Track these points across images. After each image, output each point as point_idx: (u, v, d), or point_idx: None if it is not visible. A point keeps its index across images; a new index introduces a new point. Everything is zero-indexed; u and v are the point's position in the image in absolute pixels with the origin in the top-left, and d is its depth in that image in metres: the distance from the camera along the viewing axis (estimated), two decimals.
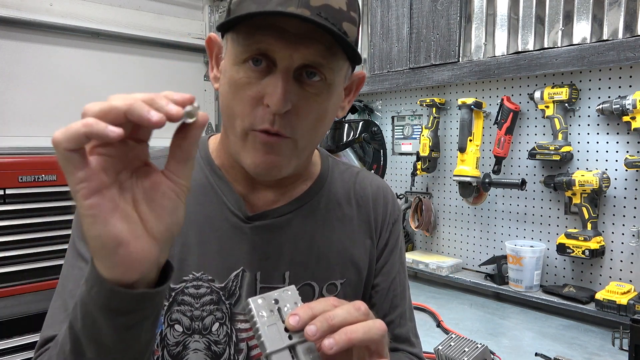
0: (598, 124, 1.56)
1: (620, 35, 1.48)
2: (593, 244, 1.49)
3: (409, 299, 0.84)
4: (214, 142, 0.75)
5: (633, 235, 1.48)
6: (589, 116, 1.57)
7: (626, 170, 1.47)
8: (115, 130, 0.38)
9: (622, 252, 1.51)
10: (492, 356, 1.23)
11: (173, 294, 0.67)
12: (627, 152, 1.49)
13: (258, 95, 0.59)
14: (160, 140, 0.78)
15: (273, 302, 0.49)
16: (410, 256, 1.99)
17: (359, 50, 0.67)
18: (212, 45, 0.68)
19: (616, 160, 1.51)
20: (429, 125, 1.96)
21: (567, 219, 1.64)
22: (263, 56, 0.58)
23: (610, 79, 1.52)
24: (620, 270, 1.52)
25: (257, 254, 0.69)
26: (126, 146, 0.42)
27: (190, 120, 0.43)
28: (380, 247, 0.79)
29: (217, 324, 0.68)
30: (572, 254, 1.54)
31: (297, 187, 0.74)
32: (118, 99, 0.40)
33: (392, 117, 2.22)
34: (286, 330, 0.47)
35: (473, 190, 1.82)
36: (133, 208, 0.43)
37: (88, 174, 0.39)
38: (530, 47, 1.70)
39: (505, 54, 1.78)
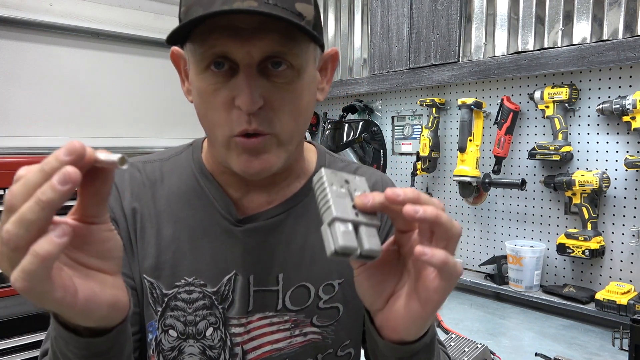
0: (598, 124, 1.56)
1: (620, 35, 1.48)
2: (593, 244, 1.49)
3: None
4: (206, 147, 0.74)
5: (633, 235, 1.48)
6: (589, 116, 1.57)
7: (626, 170, 1.47)
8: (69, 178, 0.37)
9: (622, 252, 1.51)
10: (492, 356, 1.23)
11: (166, 299, 0.67)
12: (627, 152, 1.49)
13: (228, 99, 0.58)
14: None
15: (344, 181, 0.47)
16: None
17: (323, 29, 0.66)
18: (177, 59, 0.68)
19: (616, 160, 1.51)
20: (429, 125, 1.97)
21: (567, 219, 1.64)
22: (223, 58, 0.57)
23: (610, 79, 1.52)
24: (620, 270, 1.52)
25: (249, 257, 0.68)
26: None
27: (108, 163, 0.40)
28: (382, 236, 0.76)
29: (210, 329, 0.67)
30: (572, 254, 1.54)
31: (291, 186, 0.72)
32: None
33: (392, 117, 2.22)
34: (354, 208, 0.45)
35: (473, 190, 1.82)
36: (85, 267, 0.44)
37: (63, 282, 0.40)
38: (530, 47, 1.70)
39: (505, 54, 1.78)
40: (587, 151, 1.58)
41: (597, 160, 1.56)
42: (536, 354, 1.28)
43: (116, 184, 0.69)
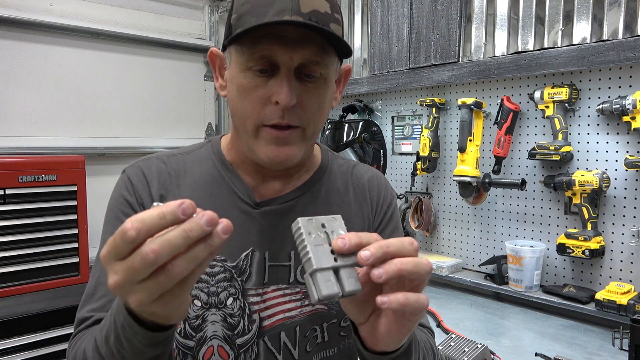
0: (598, 124, 1.56)
1: (620, 35, 1.48)
2: (593, 244, 1.49)
3: None
4: (225, 141, 0.84)
5: (633, 235, 1.48)
6: (589, 116, 1.57)
7: (626, 170, 1.47)
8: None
9: (622, 252, 1.51)
10: (492, 356, 1.23)
11: None
12: (627, 152, 1.49)
13: (265, 95, 0.68)
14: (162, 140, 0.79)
15: (321, 225, 0.51)
16: None
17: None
18: (215, 58, 0.77)
19: (616, 160, 1.51)
20: (429, 125, 1.96)
21: (567, 219, 1.64)
22: (267, 60, 0.67)
23: (610, 79, 1.52)
24: (620, 270, 1.52)
25: (265, 236, 0.77)
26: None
27: None
28: (379, 225, 0.86)
29: (231, 299, 0.76)
30: (572, 254, 1.54)
31: (301, 177, 0.82)
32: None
33: (392, 117, 2.22)
34: (332, 253, 0.49)
35: (473, 190, 1.82)
36: None
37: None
38: (530, 47, 1.70)
39: (505, 54, 1.78)
40: (587, 151, 1.58)
41: (597, 160, 1.56)
42: (536, 354, 1.28)
43: (144, 174, 0.78)
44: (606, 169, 1.53)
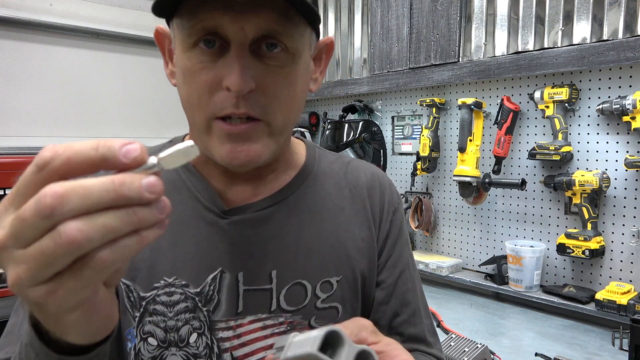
0: (598, 124, 1.56)
1: (620, 35, 1.48)
2: (593, 244, 1.49)
3: (421, 295, 0.75)
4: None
5: (633, 235, 1.48)
6: (589, 116, 1.57)
7: (626, 170, 1.47)
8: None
9: (622, 252, 1.51)
10: (492, 356, 1.23)
11: (144, 303, 0.61)
12: (627, 152, 1.49)
13: (215, 79, 0.53)
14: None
15: None
16: None
17: (320, 13, 0.61)
18: (162, 38, 0.62)
19: (616, 160, 1.51)
20: (429, 125, 1.96)
21: (567, 219, 1.64)
22: (214, 35, 0.52)
23: (610, 79, 1.52)
24: (620, 270, 1.52)
25: (237, 252, 0.62)
26: None
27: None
28: (382, 239, 0.72)
29: (194, 335, 0.61)
30: (572, 254, 1.53)
31: (279, 179, 0.67)
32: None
33: (392, 117, 2.22)
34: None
35: (473, 190, 1.82)
36: None
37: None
38: (530, 47, 1.70)
39: (505, 54, 1.78)
40: (587, 151, 1.58)
41: (597, 160, 1.56)
42: (536, 354, 1.28)
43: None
44: (606, 169, 1.53)
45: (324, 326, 0.44)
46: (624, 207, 1.50)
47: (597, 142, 1.56)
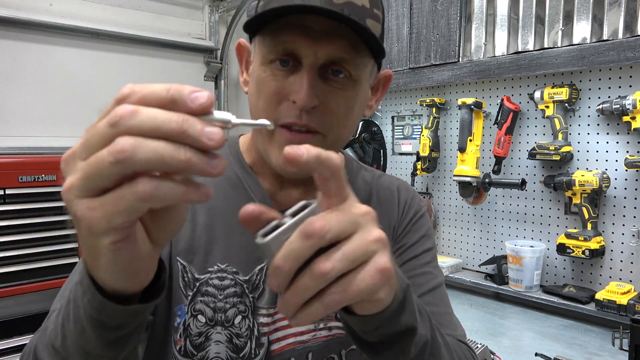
0: (598, 124, 1.56)
1: (620, 35, 1.48)
2: (593, 244, 1.49)
3: (447, 303, 0.75)
4: (245, 141, 0.76)
5: (633, 235, 1.48)
6: (589, 116, 1.57)
7: (626, 170, 1.47)
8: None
9: (622, 252, 1.51)
10: (492, 356, 1.23)
11: (197, 284, 0.67)
12: (627, 152, 1.49)
13: (283, 91, 0.60)
14: None
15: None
16: None
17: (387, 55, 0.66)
18: (242, 50, 0.70)
19: (616, 160, 1.51)
20: (429, 125, 1.96)
21: (567, 219, 1.64)
22: (289, 56, 0.59)
23: (610, 79, 1.52)
24: (620, 270, 1.52)
25: None
26: None
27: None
28: (402, 234, 0.76)
29: (239, 317, 0.67)
30: (572, 254, 1.53)
31: None
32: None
33: (392, 117, 2.22)
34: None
35: (473, 190, 1.82)
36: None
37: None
38: (530, 47, 1.70)
39: (505, 54, 1.78)
40: (587, 151, 1.58)
41: (597, 160, 1.56)
42: (536, 354, 1.28)
43: None
44: (606, 169, 1.53)
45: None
46: (624, 207, 1.50)
47: (597, 142, 1.56)
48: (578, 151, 1.60)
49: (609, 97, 1.51)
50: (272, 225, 0.37)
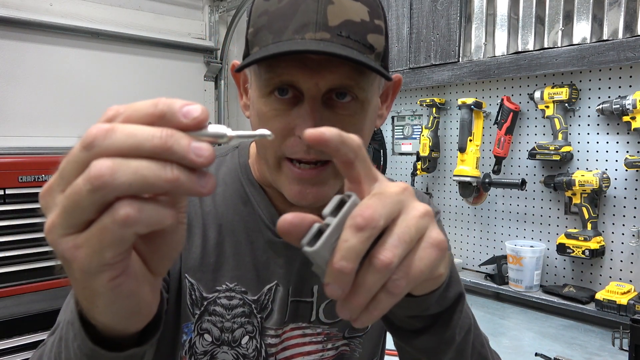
0: (598, 124, 1.56)
1: (620, 35, 1.48)
2: (593, 244, 1.49)
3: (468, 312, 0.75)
4: (254, 152, 0.70)
5: (633, 235, 1.48)
6: (589, 116, 1.57)
7: (626, 170, 1.47)
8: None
9: (622, 252, 1.51)
10: None
11: (205, 303, 0.66)
12: (627, 152, 1.49)
13: (288, 126, 0.56)
14: None
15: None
16: None
17: (389, 56, 0.62)
18: (237, 75, 0.66)
19: (616, 160, 1.51)
20: (429, 125, 1.96)
21: (567, 219, 1.64)
22: (288, 86, 0.56)
23: (610, 79, 1.52)
24: (620, 270, 1.52)
25: (290, 268, 0.67)
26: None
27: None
28: None
29: (246, 337, 0.66)
30: (572, 254, 1.53)
31: None
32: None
33: (392, 117, 2.22)
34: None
35: (473, 190, 1.82)
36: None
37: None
38: (530, 47, 1.70)
39: (505, 54, 1.78)
40: (587, 151, 1.58)
41: (597, 160, 1.56)
42: (536, 354, 1.28)
43: None
44: (606, 169, 1.53)
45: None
46: (624, 207, 1.50)
47: (597, 142, 1.56)
48: (578, 151, 1.60)
49: (609, 97, 1.51)
50: (313, 230, 0.34)
